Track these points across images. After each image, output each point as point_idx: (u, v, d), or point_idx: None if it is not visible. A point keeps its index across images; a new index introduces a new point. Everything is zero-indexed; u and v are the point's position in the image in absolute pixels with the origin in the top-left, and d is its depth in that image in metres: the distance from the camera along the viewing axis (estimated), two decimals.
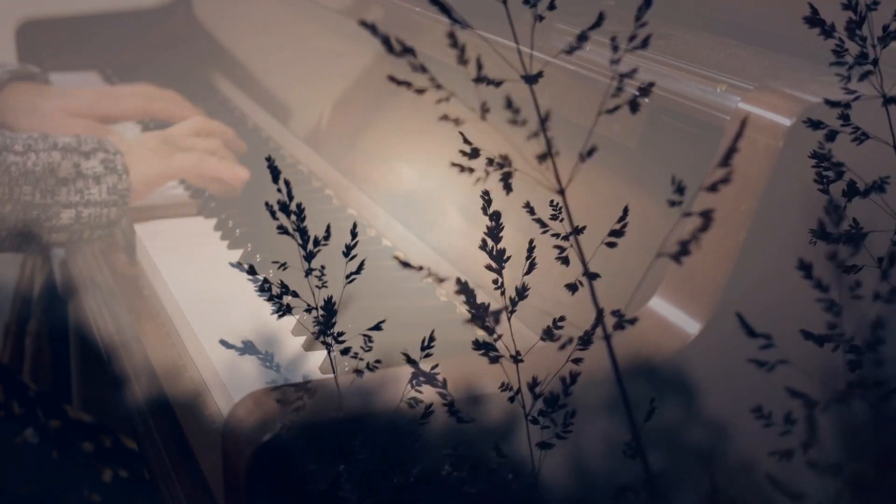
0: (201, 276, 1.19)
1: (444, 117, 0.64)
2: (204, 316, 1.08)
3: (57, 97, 1.52)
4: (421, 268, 0.67)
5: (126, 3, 2.08)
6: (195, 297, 1.13)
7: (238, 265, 0.76)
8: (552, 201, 0.66)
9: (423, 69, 0.62)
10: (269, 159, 0.74)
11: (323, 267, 0.73)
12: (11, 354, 1.78)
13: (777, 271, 0.82)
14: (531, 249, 0.72)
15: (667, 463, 0.73)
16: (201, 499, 0.94)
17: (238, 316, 1.07)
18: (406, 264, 0.67)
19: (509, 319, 0.68)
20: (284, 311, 0.73)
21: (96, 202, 1.22)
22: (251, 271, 0.75)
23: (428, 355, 0.71)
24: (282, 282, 0.74)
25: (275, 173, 0.73)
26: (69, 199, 1.20)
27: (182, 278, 1.17)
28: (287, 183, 0.72)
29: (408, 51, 0.62)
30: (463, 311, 1.07)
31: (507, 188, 0.64)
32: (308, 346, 1.01)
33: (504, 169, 0.64)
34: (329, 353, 0.72)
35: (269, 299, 0.74)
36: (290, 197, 0.72)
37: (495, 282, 0.70)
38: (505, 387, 0.70)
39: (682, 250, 0.59)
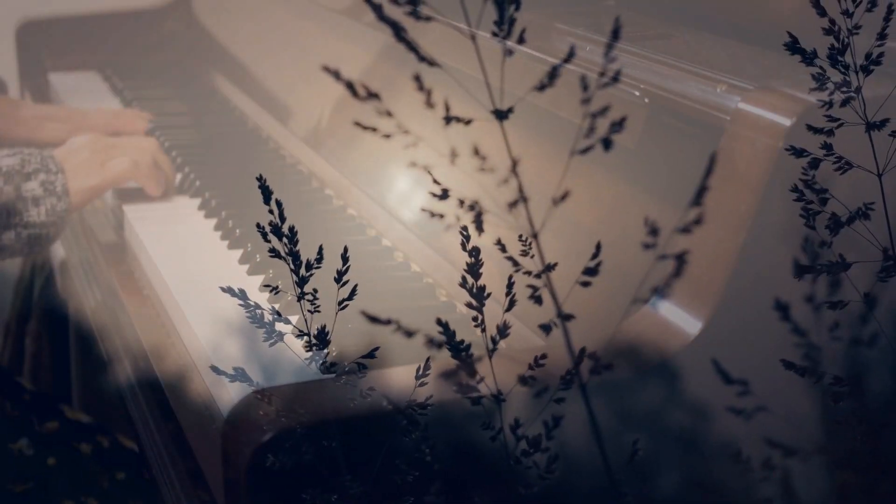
0: (195, 265, 1.20)
1: (413, 164, 0.63)
2: (202, 309, 1.08)
3: (32, 107, 1.58)
4: (388, 321, 0.66)
5: (126, 3, 2.08)
6: (190, 287, 1.13)
7: (229, 290, 0.75)
8: (521, 236, 0.65)
9: (389, 114, 0.62)
10: (259, 178, 0.73)
11: (315, 290, 0.72)
12: (11, 354, 1.78)
13: (776, 270, 0.82)
14: (510, 285, 0.70)
15: (666, 459, 0.73)
16: (201, 499, 0.94)
17: (237, 312, 1.07)
18: (375, 319, 0.66)
19: (490, 359, 0.67)
20: (276, 338, 0.72)
21: (35, 224, 1.25)
22: (244, 297, 0.74)
23: (423, 384, 0.71)
24: (273, 308, 0.74)
25: (266, 194, 0.72)
26: (9, 220, 1.23)
27: (177, 267, 1.18)
28: (279, 204, 0.71)
29: (373, 95, 0.62)
30: (463, 310, 1.07)
31: (479, 229, 0.63)
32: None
33: (475, 210, 0.63)
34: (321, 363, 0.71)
35: (262, 325, 0.73)
36: (283, 219, 0.71)
37: (475, 319, 0.69)
38: (486, 426, 0.68)
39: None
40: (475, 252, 0.68)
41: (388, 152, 1.31)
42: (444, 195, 0.64)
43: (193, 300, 1.11)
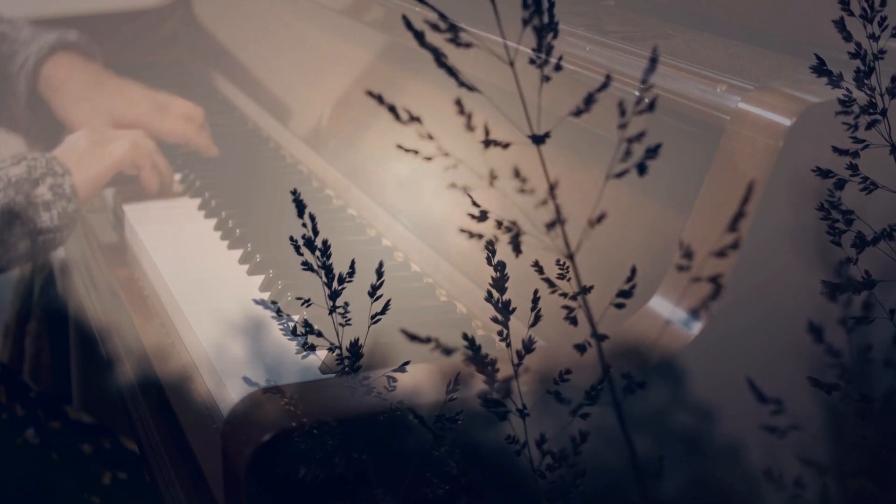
0: (195, 265, 1.20)
1: (453, 186, 0.64)
2: (202, 309, 1.08)
3: (108, 95, 1.52)
4: (427, 339, 0.66)
5: (126, 3, 2.08)
6: (190, 287, 1.13)
7: (263, 302, 0.76)
8: (559, 260, 0.65)
9: (430, 137, 0.62)
10: (294, 192, 0.73)
11: (347, 304, 0.73)
12: (11, 354, 1.78)
13: (777, 270, 0.82)
14: (536, 301, 0.70)
15: (666, 461, 0.73)
16: (201, 499, 0.94)
17: (238, 312, 1.07)
18: (414, 336, 0.66)
19: (517, 376, 0.67)
20: (309, 350, 0.73)
21: (49, 228, 1.25)
22: (278, 311, 0.75)
23: (453, 399, 0.71)
24: (306, 320, 0.74)
25: (300, 208, 0.72)
26: (24, 229, 1.24)
27: (177, 267, 1.18)
28: (312, 218, 0.72)
29: (415, 119, 0.62)
30: (463, 309, 1.07)
31: (517, 250, 0.63)
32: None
33: (513, 232, 0.63)
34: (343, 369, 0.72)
35: (294, 337, 0.74)
36: (316, 232, 0.72)
37: (500, 333, 0.69)
38: (511, 440, 0.68)
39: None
40: (501, 266, 0.68)
41: (388, 153, 1.31)
42: (483, 217, 0.65)
43: (194, 300, 1.11)
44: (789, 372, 0.75)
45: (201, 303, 1.10)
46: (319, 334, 0.74)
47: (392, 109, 0.62)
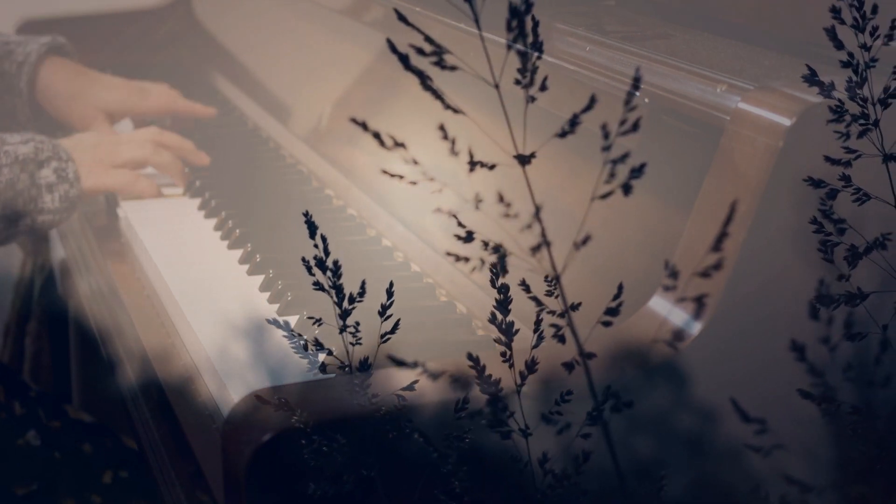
0: (195, 265, 1.20)
1: (438, 210, 0.64)
2: (202, 309, 1.08)
3: (94, 89, 1.60)
4: (415, 364, 0.66)
5: (126, 3, 2.08)
6: (190, 287, 1.13)
7: (275, 322, 0.76)
8: (546, 277, 0.66)
9: (415, 162, 0.63)
10: (306, 215, 0.73)
11: (357, 323, 0.73)
12: (11, 354, 1.78)
13: (777, 271, 0.82)
14: (538, 322, 0.70)
15: (665, 461, 0.73)
16: (201, 499, 0.94)
17: (238, 312, 1.07)
18: (400, 362, 0.66)
19: (519, 395, 0.67)
20: (319, 368, 0.73)
21: (49, 210, 1.30)
22: (287, 328, 0.75)
23: (460, 417, 0.70)
24: (317, 339, 0.75)
25: (312, 229, 0.72)
26: (25, 207, 1.29)
27: (177, 267, 1.18)
28: (324, 239, 0.72)
29: (399, 145, 0.63)
30: (463, 309, 1.07)
31: (503, 271, 0.64)
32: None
33: (499, 253, 0.64)
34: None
35: (305, 354, 0.74)
36: (327, 253, 0.72)
37: (503, 354, 0.69)
38: (514, 459, 0.69)
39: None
40: (504, 289, 0.68)
41: (388, 154, 1.31)
42: (469, 238, 0.65)
43: (194, 300, 1.11)
44: (790, 372, 0.75)
45: (201, 303, 1.10)
46: (330, 353, 0.74)
47: (376, 136, 0.63)
